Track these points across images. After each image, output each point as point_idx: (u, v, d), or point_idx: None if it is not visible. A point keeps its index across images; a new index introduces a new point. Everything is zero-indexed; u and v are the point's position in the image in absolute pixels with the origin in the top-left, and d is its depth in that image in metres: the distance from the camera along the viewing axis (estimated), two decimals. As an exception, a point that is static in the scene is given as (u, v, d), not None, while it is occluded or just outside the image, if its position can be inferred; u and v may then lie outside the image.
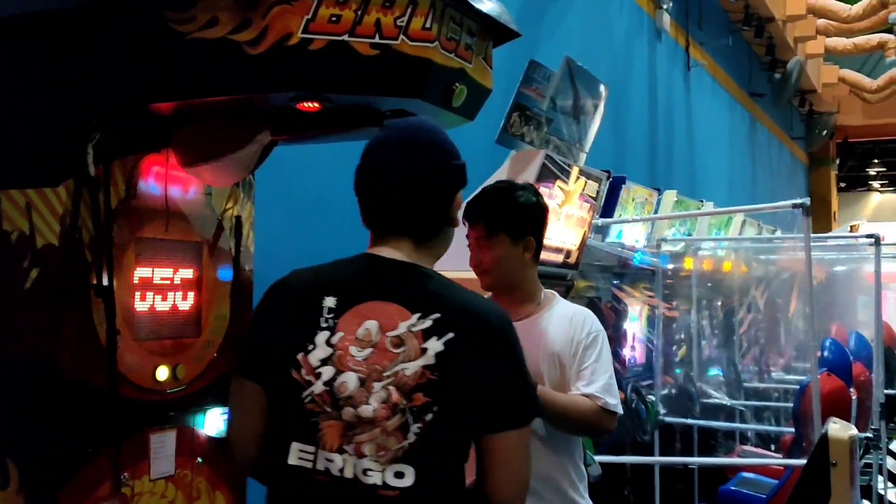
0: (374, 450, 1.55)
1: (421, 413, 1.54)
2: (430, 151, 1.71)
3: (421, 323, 1.57)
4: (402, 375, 1.55)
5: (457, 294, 1.64)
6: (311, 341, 1.60)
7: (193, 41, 1.81)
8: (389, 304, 1.59)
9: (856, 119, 17.05)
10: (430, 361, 1.54)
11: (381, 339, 1.57)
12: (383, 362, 1.56)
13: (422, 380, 1.54)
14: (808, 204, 3.32)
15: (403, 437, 1.54)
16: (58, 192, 1.91)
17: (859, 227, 9.79)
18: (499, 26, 2.15)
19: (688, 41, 9.28)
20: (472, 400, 1.57)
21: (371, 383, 1.55)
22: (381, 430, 1.55)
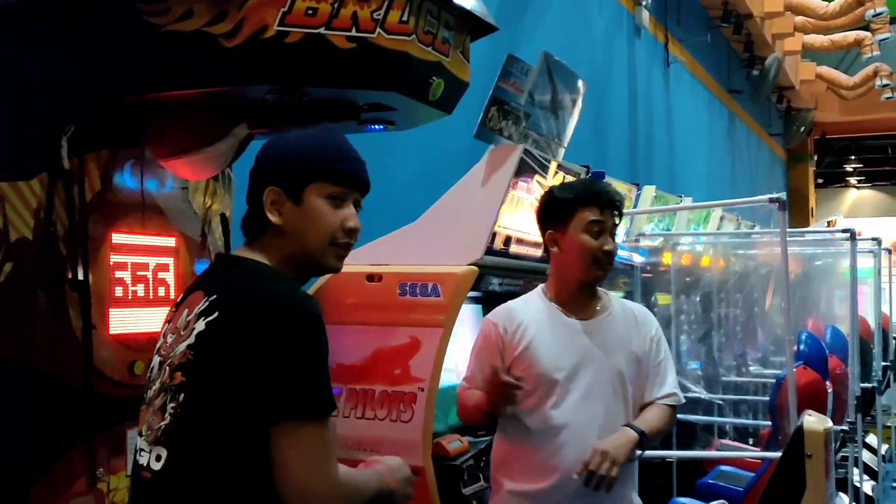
0: (147, 429, 1.55)
1: (177, 392, 1.51)
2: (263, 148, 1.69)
3: (203, 304, 1.54)
4: (175, 355, 1.54)
5: (245, 277, 1.57)
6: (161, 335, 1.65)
7: (168, 33, 1.80)
8: (199, 292, 1.58)
9: (833, 116, 17.17)
10: (192, 341, 1.52)
11: (183, 323, 1.57)
12: (174, 344, 1.56)
13: (183, 359, 1.52)
14: (784, 199, 3.34)
15: (162, 416, 1.52)
16: (31, 186, 1.90)
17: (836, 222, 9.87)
18: (476, 20, 2.15)
19: (667, 38, 9.31)
20: (228, 384, 1.47)
21: (163, 365, 1.57)
22: (152, 409, 1.55)
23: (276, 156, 1.64)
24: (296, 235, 1.62)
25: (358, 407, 2.59)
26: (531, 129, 2.99)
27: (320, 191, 1.61)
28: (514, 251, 2.96)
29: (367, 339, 2.64)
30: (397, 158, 4.07)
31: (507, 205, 2.80)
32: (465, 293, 2.64)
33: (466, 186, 2.85)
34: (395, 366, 2.58)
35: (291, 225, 1.61)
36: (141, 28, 1.80)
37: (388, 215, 2.94)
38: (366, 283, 2.66)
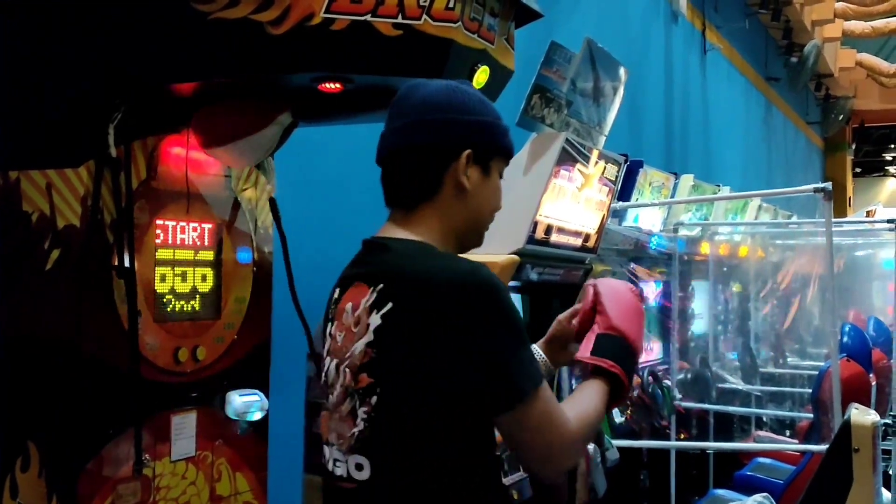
0: (336, 438, 1.45)
1: (366, 395, 1.40)
2: (407, 107, 1.51)
3: (371, 297, 1.42)
4: (353, 355, 1.42)
5: (408, 260, 1.44)
6: (326, 335, 1.54)
7: (215, 21, 1.79)
8: (359, 282, 1.46)
9: (872, 103, 16.89)
10: (371, 338, 1.39)
11: (351, 319, 1.45)
12: (347, 344, 1.44)
13: (365, 359, 1.40)
14: (829, 188, 3.29)
15: (353, 423, 1.41)
16: (79, 173, 1.91)
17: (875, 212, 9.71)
18: (521, 7, 2.13)
19: (704, 24, 9.19)
20: (425, 380, 1.37)
21: (339, 367, 1.45)
22: (339, 416, 1.44)
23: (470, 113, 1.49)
24: (472, 207, 1.51)
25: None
26: (572, 116, 2.97)
27: (499, 164, 1.54)
28: (555, 240, 2.94)
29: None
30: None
31: (548, 193, 2.78)
32: (506, 282, 2.62)
33: (508, 175, 2.81)
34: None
35: (472, 195, 1.50)
36: (188, 15, 1.79)
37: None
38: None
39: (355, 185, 3.60)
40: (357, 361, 1.41)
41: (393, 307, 1.38)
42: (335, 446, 1.45)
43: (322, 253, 3.11)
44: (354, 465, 1.42)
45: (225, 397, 2.18)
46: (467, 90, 1.54)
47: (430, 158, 1.48)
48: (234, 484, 2.21)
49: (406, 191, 1.51)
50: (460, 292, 1.37)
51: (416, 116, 1.49)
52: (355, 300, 1.45)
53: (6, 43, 2.02)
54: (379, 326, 1.39)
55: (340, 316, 1.47)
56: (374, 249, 1.51)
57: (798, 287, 6.77)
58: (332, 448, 1.46)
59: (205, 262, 2.16)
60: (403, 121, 1.50)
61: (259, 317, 2.29)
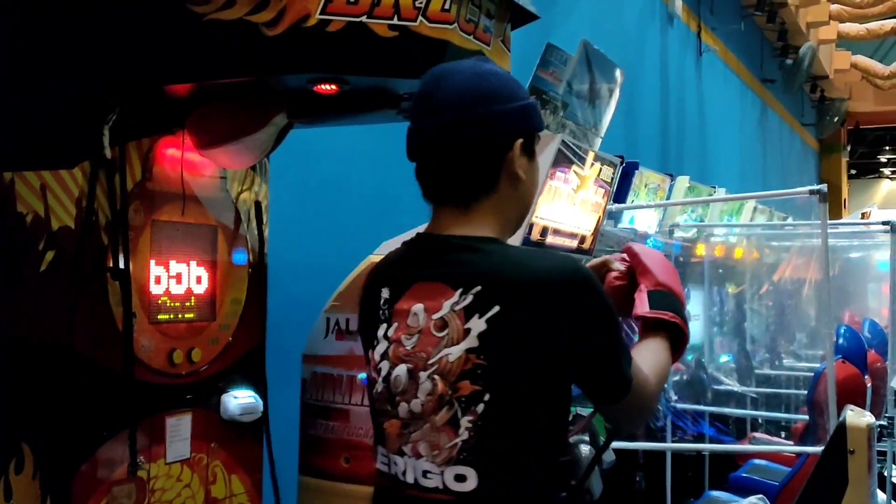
0: (429, 449, 1.36)
1: (470, 403, 1.34)
2: (444, 101, 1.42)
3: (463, 300, 1.35)
4: (446, 362, 1.35)
5: (505, 260, 1.38)
6: (375, 336, 1.44)
7: (211, 22, 1.79)
8: (434, 283, 1.38)
9: (867, 105, 16.93)
10: (474, 344, 1.33)
11: (427, 323, 1.37)
12: (428, 349, 1.36)
13: (467, 365, 1.34)
14: (825, 190, 3.30)
15: (455, 433, 1.34)
16: (73, 174, 1.90)
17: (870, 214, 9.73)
18: (517, 9, 2.13)
19: (699, 26, 9.21)
20: (537, 382, 1.35)
21: (418, 374, 1.37)
22: (430, 425, 1.36)
23: (511, 99, 1.43)
24: (523, 195, 1.48)
25: (394, 397, 2.58)
26: (568, 118, 2.97)
27: (539, 145, 1.50)
28: (551, 242, 2.94)
29: (403, 329, 2.63)
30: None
31: (544, 195, 2.78)
32: (502, 284, 2.62)
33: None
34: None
35: (524, 183, 1.46)
36: (184, 16, 1.79)
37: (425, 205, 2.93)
38: (402, 273, 2.64)
39: (351, 186, 3.60)
40: (455, 369, 1.34)
41: (500, 311, 1.33)
42: (425, 458, 1.36)
43: (317, 253, 3.11)
44: (454, 477, 1.35)
45: (220, 399, 2.17)
46: (497, 72, 1.47)
47: (485, 154, 1.42)
48: (230, 486, 2.21)
49: (463, 187, 1.44)
50: (572, 290, 1.35)
51: (462, 112, 1.41)
52: (431, 302, 1.37)
53: (2, 43, 2.01)
54: (485, 332, 1.33)
55: (403, 318, 1.40)
56: (450, 249, 1.41)
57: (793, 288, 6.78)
58: (410, 459, 1.38)
59: (200, 264, 2.15)
60: (448, 116, 1.41)
61: (254, 318, 2.28)
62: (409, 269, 1.44)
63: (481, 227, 1.43)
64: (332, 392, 2.65)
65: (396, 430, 1.40)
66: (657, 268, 1.64)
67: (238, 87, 1.98)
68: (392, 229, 2.74)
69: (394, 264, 1.49)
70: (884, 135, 19.71)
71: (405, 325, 1.40)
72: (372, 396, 1.46)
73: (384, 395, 1.41)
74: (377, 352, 1.43)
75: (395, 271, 1.47)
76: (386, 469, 1.44)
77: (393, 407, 1.40)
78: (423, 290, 1.39)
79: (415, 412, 1.37)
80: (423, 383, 1.36)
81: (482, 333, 1.33)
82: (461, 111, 1.41)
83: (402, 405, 1.38)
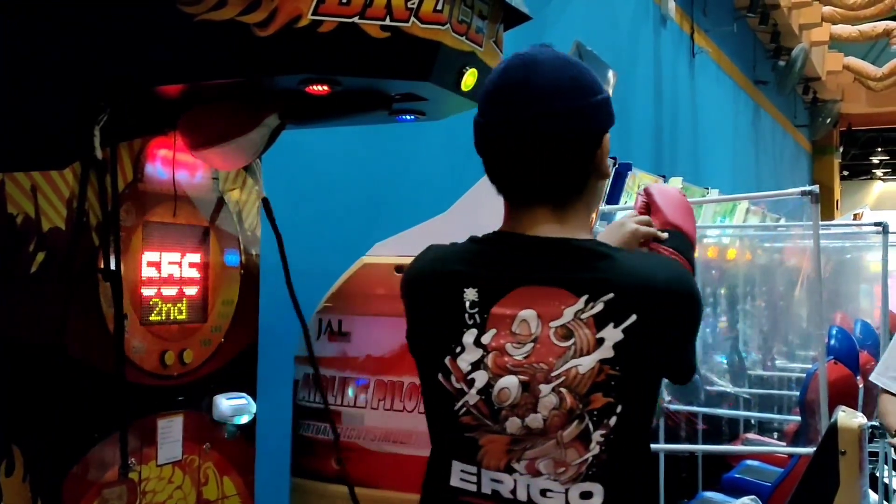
0: (552, 467, 1.28)
1: (602, 417, 1.26)
2: (552, 92, 1.32)
3: (590, 307, 1.27)
4: (575, 374, 1.26)
5: (628, 265, 1.31)
6: (458, 342, 1.31)
7: (202, 23, 1.78)
8: (547, 288, 1.29)
9: (860, 107, 16.98)
10: (608, 354, 1.26)
11: (544, 331, 1.28)
12: (549, 360, 1.27)
13: (600, 377, 1.26)
14: (816, 191, 3.30)
15: (585, 448, 1.27)
16: (64, 175, 1.89)
17: (862, 215, 9.75)
18: (510, 9, 2.13)
19: (692, 28, 9.22)
20: (653, 392, 1.33)
21: (537, 386, 1.27)
22: (555, 441, 1.27)
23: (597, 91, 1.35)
24: (601, 194, 1.47)
25: (386, 398, 2.58)
26: (561, 119, 2.97)
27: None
28: (544, 243, 2.94)
29: (396, 330, 2.61)
30: (427, 149, 4.05)
31: (536, 196, 2.78)
32: (494, 285, 2.62)
33: (496, 177, 2.83)
34: (424, 358, 2.56)
35: (605, 180, 1.42)
36: (174, 17, 1.78)
37: (418, 206, 2.93)
38: (395, 274, 2.64)
39: (343, 187, 3.60)
40: (586, 381, 1.26)
41: (637, 320, 1.27)
42: (546, 476, 1.28)
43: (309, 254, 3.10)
44: (579, 495, 1.28)
45: (212, 401, 2.17)
46: (579, 62, 1.39)
47: (581, 150, 1.34)
48: (222, 488, 2.20)
49: (562, 184, 1.35)
50: (690, 301, 1.33)
51: (563, 103, 1.32)
52: (546, 308, 1.28)
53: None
54: (620, 342, 1.26)
55: (504, 324, 1.30)
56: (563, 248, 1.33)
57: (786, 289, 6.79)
58: (523, 477, 1.29)
59: (192, 265, 2.15)
60: (552, 107, 1.31)
61: (246, 320, 2.28)
62: (502, 271, 1.33)
63: (575, 228, 1.36)
64: (325, 393, 2.64)
65: (502, 447, 1.29)
66: (669, 207, 1.62)
67: (230, 88, 1.98)
68: (384, 230, 2.74)
69: (475, 263, 1.36)
70: (876, 136, 19.77)
71: (508, 332, 1.29)
72: (448, 409, 1.32)
73: (480, 409, 1.30)
74: (463, 360, 1.31)
75: (480, 271, 1.34)
76: (474, 488, 1.32)
77: (495, 421, 1.29)
78: (530, 294, 1.30)
79: (532, 428, 1.28)
80: (544, 397, 1.27)
81: (618, 343, 1.26)
82: (562, 102, 1.31)
83: (512, 420, 1.28)
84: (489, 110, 1.36)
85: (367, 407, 2.60)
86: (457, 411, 1.31)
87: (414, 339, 1.41)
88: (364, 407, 2.60)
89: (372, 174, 3.73)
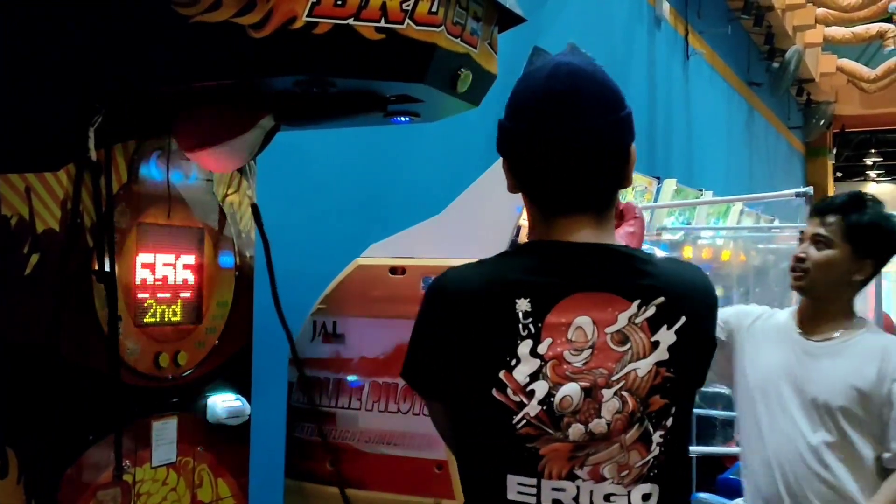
0: (616, 470, 1.29)
1: (660, 418, 1.30)
2: (598, 104, 1.36)
3: (643, 311, 1.30)
4: (635, 377, 1.29)
5: (670, 269, 1.37)
6: (513, 354, 1.30)
7: (197, 24, 1.78)
8: (599, 294, 1.31)
9: (853, 109, 17.03)
10: (664, 356, 1.29)
11: (600, 337, 1.30)
12: (608, 364, 1.29)
13: (657, 380, 1.29)
14: (811, 193, 3.32)
15: (647, 450, 1.30)
16: (58, 177, 1.89)
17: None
18: (504, 11, 2.13)
19: (687, 29, 9.24)
20: (698, 389, 1.40)
21: (599, 391, 1.29)
22: (619, 445, 1.29)
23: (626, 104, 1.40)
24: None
25: (381, 400, 2.58)
26: (556, 121, 2.97)
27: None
28: (538, 245, 2.95)
29: (391, 332, 2.63)
30: (422, 151, 4.05)
31: (531, 198, 2.78)
32: (489, 287, 2.62)
33: (490, 179, 2.83)
34: (419, 359, 2.56)
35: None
36: (169, 18, 1.78)
37: (412, 208, 2.93)
38: (389, 275, 2.65)
39: (337, 189, 3.60)
40: (645, 384, 1.29)
41: (687, 322, 1.32)
42: (610, 480, 1.29)
43: (304, 256, 3.10)
44: (641, 496, 1.30)
45: (206, 403, 2.16)
46: (605, 74, 1.42)
47: (620, 160, 1.39)
48: (216, 490, 2.20)
49: (604, 193, 1.39)
50: (716, 300, 1.44)
51: (609, 115, 1.37)
52: (600, 314, 1.30)
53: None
54: (674, 344, 1.31)
55: (559, 332, 1.30)
56: (608, 255, 1.36)
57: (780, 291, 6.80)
58: (587, 483, 1.30)
59: (186, 267, 2.14)
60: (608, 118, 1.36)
61: (241, 321, 2.28)
62: (553, 279, 1.33)
63: (610, 234, 1.39)
64: (319, 395, 2.64)
65: (564, 454, 1.29)
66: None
67: (225, 90, 1.97)
68: (378, 232, 2.74)
69: (524, 274, 1.35)
70: (869, 138, 19.82)
71: (565, 339, 1.30)
72: (510, 422, 1.30)
73: (541, 419, 1.29)
74: (520, 372, 1.29)
75: (530, 281, 1.33)
76: (534, 500, 1.31)
77: (557, 429, 1.29)
78: (583, 301, 1.31)
79: (596, 433, 1.29)
80: (607, 401, 1.29)
81: (672, 345, 1.30)
82: (607, 114, 1.36)
83: (576, 427, 1.29)
84: (533, 118, 1.36)
85: (361, 409, 2.60)
86: (515, 424, 1.30)
87: (461, 357, 1.35)
88: (359, 409, 2.60)
89: (366, 176, 3.73)
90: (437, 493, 2.45)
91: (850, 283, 2.24)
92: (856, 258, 2.21)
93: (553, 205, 1.38)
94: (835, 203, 2.26)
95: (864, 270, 2.22)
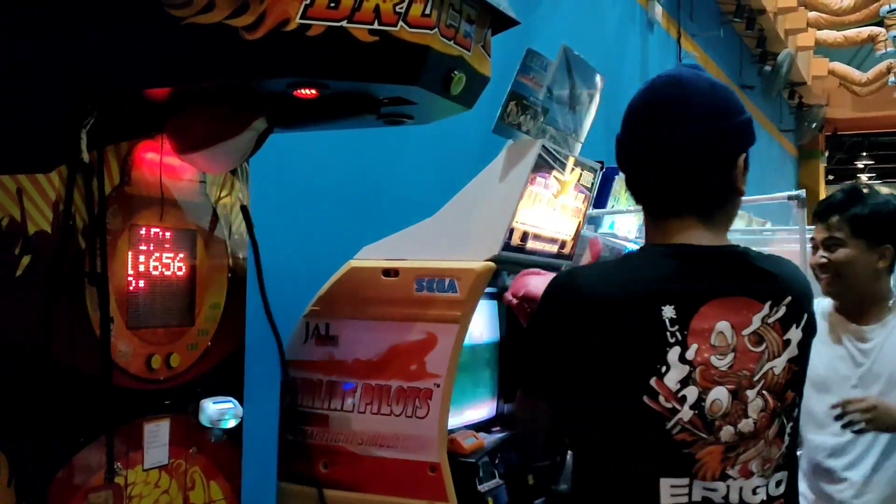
0: (761, 465, 1.38)
1: (791, 410, 1.41)
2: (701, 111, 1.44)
3: (775, 312, 1.39)
4: (773, 375, 1.37)
5: (786, 267, 1.47)
6: (662, 361, 1.34)
7: (189, 26, 1.78)
8: (734, 298, 1.38)
9: (845, 112, 17.09)
10: (794, 353, 1.40)
11: (739, 340, 1.36)
12: (749, 366, 1.36)
13: (789, 375, 1.40)
14: (803, 196, 3.33)
15: (782, 442, 1.40)
16: (50, 178, 1.89)
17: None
18: (498, 14, 2.13)
19: (679, 32, 9.26)
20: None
21: (744, 393, 1.36)
22: (764, 441, 1.38)
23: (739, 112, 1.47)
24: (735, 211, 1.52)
25: (374, 402, 2.58)
26: (549, 124, 2.97)
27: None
28: (531, 247, 2.94)
29: (383, 334, 2.63)
30: (415, 153, 4.05)
31: (524, 200, 2.78)
32: (482, 289, 2.62)
33: (484, 182, 2.83)
34: (411, 361, 2.56)
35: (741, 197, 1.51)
36: (162, 20, 1.78)
37: (406, 210, 2.93)
38: (382, 277, 2.64)
39: (331, 190, 3.60)
40: (780, 381, 1.39)
41: (808, 318, 1.43)
42: (756, 475, 1.37)
43: (297, 258, 3.10)
44: (775, 484, 1.40)
45: (199, 405, 2.16)
46: (725, 86, 1.52)
47: (727, 166, 1.46)
48: (208, 492, 2.19)
49: (710, 198, 1.47)
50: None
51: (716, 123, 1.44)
52: (736, 318, 1.37)
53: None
54: (801, 340, 1.41)
55: (702, 338, 1.35)
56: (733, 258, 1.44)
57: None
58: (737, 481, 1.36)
59: (179, 269, 2.14)
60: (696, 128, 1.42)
61: (233, 323, 2.27)
62: (692, 285, 1.39)
63: (723, 237, 1.48)
64: (312, 397, 2.64)
65: (718, 457, 1.35)
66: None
67: (218, 91, 1.97)
68: (372, 234, 2.74)
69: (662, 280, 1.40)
70: (861, 141, 19.89)
71: (708, 345, 1.35)
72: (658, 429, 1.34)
73: (695, 423, 1.34)
74: (671, 379, 1.34)
75: (671, 287, 1.38)
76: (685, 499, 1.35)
77: (710, 433, 1.35)
78: (721, 306, 1.36)
79: (745, 432, 1.36)
80: (752, 401, 1.36)
81: (800, 342, 1.41)
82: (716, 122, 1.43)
83: (726, 429, 1.35)
84: (634, 127, 1.48)
85: (354, 411, 2.59)
86: (670, 430, 1.34)
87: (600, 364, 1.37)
88: (351, 411, 2.59)
89: (360, 178, 3.73)
90: (430, 496, 2.44)
91: (877, 272, 2.31)
92: (872, 249, 2.28)
93: (657, 207, 1.49)
94: (834, 202, 2.30)
95: (885, 257, 2.29)
